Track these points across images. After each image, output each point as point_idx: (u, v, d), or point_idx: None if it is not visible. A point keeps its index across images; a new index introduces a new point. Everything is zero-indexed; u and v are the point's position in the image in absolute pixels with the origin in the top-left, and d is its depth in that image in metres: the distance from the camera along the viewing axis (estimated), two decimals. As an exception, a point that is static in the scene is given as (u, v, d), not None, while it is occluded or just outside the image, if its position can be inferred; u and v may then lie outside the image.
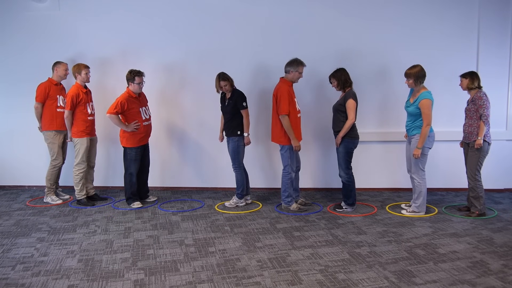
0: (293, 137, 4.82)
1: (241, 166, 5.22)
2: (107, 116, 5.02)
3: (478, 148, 4.65)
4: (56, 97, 5.40)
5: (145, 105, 5.30)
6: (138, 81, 5.08)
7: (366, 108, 5.62)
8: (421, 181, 4.75)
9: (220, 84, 5.01)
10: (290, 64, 4.84)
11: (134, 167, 5.23)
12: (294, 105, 4.86)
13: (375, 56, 5.66)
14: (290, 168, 4.97)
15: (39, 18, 5.89)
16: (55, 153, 5.42)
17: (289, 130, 4.80)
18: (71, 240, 4.21)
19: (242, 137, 5.13)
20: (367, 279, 3.31)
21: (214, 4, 5.72)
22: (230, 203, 5.28)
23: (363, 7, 5.62)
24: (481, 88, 4.72)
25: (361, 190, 5.80)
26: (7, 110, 6.11)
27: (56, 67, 5.41)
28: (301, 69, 4.85)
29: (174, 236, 4.30)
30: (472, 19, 5.60)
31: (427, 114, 4.55)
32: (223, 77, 5.00)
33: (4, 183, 6.30)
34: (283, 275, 3.40)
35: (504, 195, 5.67)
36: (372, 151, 5.83)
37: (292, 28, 5.68)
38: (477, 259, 3.65)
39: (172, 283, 3.29)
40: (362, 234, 4.29)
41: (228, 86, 5.03)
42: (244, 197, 5.33)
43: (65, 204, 5.45)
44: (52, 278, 3.39)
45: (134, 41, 5.85)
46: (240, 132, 5.11)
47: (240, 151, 5.16)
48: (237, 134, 5.10)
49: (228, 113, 5.12)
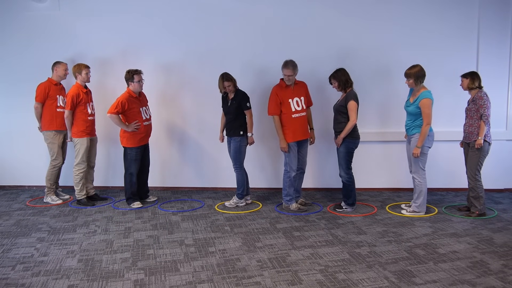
0: (281, 137, 4.94)
1: (242, 167, 5.22)
2: (108, 116, 5.02)
3: (478, 148, 4.65)
4: (56, 97, 5.40)
5: (145, 105, 5.30)
6: (138, 79, 5.07)
7: (366, 108, 5.62)
8: (422, 181, 4.75)
9: (223, 84, 5.01)
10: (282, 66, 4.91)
11: (134, 167, 5.23)
12: (288, 106, 4.89)
13: (375, 56, 5.66)
14: (289, 167, 4.99)
15: (39, 18, 5.89)
16: (55, 153, 5.42)
17: (277, 130, 4.96)
18: (71, 240, 4.21)
19: (244, 137, 5.13)
20: (367, 279, 3.31)
21: (214, 4, 5.72)
22: (230, 203, 5.28)
23: (363, 7, 5.62)
24: (481, 88, 4.72)
25: (361, 190, 5.80)
26: (7, 110, 6.11)
27: (55, 67, 5.41)
28: (285, 71, 4.86)
29: (174, 236, 4.30)
30: (472, 19, 5.60)
31: (427, 114, 4.56)
32: (226, 78, 5.01)
33: (4, 183, 6.30)
34: (283, 275, 3.40)
35: (504, 195, 5.67)
36: (373, 151, 5.83)
37: (292, 28, 5.68)
38: (477, 259, 3.65)
39: (172, 283, 3.29)
40: (362, 234, 4.29)
41: (232, 86, 5.03)
42: (244, 197, 5.33)
43: (65, 204, 5.45)
44: (52, 278, 3.39)
45: (134, 41, 5.85)
46: (242, 132, 5.11)
47: (242, 151, 5.16)
48: (239, 134, 5.10)
49: (231, 113, 5.12)
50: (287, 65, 4.83)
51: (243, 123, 5.14)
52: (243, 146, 5.15)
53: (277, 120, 4.93)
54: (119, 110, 5.00)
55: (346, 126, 4.78)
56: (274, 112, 4.93)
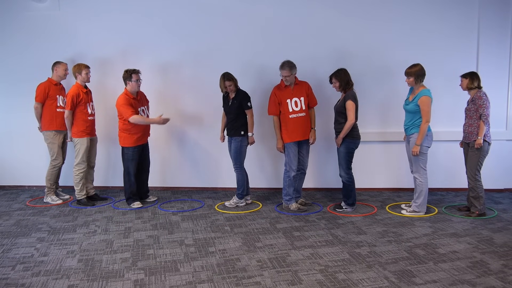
0: (278, 137, 5.01)
1: (243, 167, 5.22)
2: (132, 122, 5.00)
3: (478, 148, 4.65)
4: (55, 97, 5.40)
5: (144, 104, 5.30)
6: (136, 78, 5.07)
7: (366, 108, 5.62)
8: (423, 180, 4.75)
9: (225, 84, 5.02)
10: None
11: (132, 167, 5.23)
12: (285, 106, 4.90)
13: (375, 56, 5.66)
14: (289, 167, 5.00)
15: (39, 18, 5.89)
16: (55, 153, 5.42)
17: (275, 130, 5.02)
18: (71, 240, 4.21)
19: (245, 137, 5.14)
20: (367, 279, 3.31)
21: (214, 4, 5.72)
22: (230, 203, 5.28)
23: (363, 7, 5.62)
24: (481, 88, 4.72)
25: (361, 190, 5.80)
26: (7, 110, 6.11)
27: (55, 67, 5.41)
28: (282, 72, 4.87)
29: (174, 236, 4.30)
30: (472, 19, 5.61)
31: (426, 111, 4.57)
32: (228, 77, 5.01)
33: (4, 183, 6.30)
34: (283, 275, 3.40)
35: (504, 195, 5.67)
36: (373, 151, 5.83)
37: (292, 28, 5.68)
38: (477, 259, 3.65)
39: (172, 283, 3.29)
40: (362, 234, 4.29)
41: (233, 86, 5.04)
42: (244, 197, 5.33)
43: (65, 204, 5.45)
44: (52, 278, 3.39)
45: (134, 41, 5.85)
46: (243, 132, 5.11)
47: (243, 151, 5.16)
48: (240, 134, 5.11)
49: (232, 113, 5.12)
50: (284, 66, 4.84)
51: (244, 123, 5.14)
52: (244, 146, 5.15)
53: (275, 120, 5.00)
54: (133, 110, 5.00)
55: (344, 126, 4.79)
56: (272, 112, 5.01)
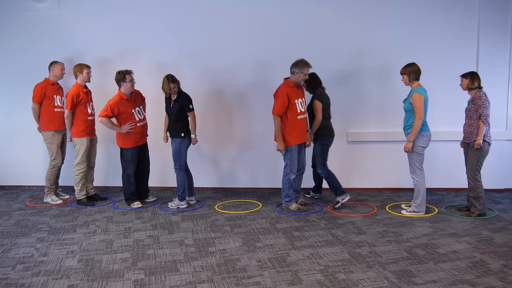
0: (280, 139, 4.85)
1: (182, 168, 5.19)
2: (99, 121, 5.03)
3: (478, 148, 4.65)
4: (53, 97, 5.39)
5: (139, 105, 5.28)
6: (129, 79, 5.07)
7: (366, 108, 5.62)
8: (420, 180, 4.75)
9: (169, 86, 5.02)
10: (296, 65, 4.79)
11: (131, 168, 5.22)
12: (294, 107, 4.82)
13: (375, 56, 5.66)
14: (289, 169, 4.96)
15: (39, 18, 5.89)
16: (54, 153, 5.42)
17: (278, 131, 4.85)
18: (71, 240, 4.21)
19: (185, 139, 5.12)
20: (367, 279, 3.31)
21: (214, 4, 5.72)
22: (172, 204, 5.28)
23: (363, 7, 5.62)
24: (481, 88, 4.72)
25: (361, 190, 5.80)
26: (7, 110, 6.11)
27: (52, 67, 5.39)
28: (306, 70, 4.80)
29: (174, 236, 4.30)
30: (472, 19, 5.60)
31: (419, 108, 4.57)
32: (172, 79, 5.03)
33: (4, 183, 6.30)
34: (283, 275, 3.40)
35: (504, 195, 5.67)
36: (372, 151, 5.83)
37: (292, 28, 5.68)
38: (477, 259, 3.65)
39: (172, 283, 3.29)
40: (362, 234, 4.29)
41: (176, 88, 5.07)
42: (188, 199, 5.34)
43: (65, 204, 5.45)
44: (52, 278, 3.39)
45: (134, 41, 5.85)
46: (184, 134, 5.11)
47: (182, 152, 5.15)
48: (180, 136, 5.10)
49: (174, 114, 5.11)
50: (308, 64, 4.78)
51: (184, 125, 5.13)
52: (184, 147, 5.14)
53: (279, 121, 4.82)
54: (109, 114, 4.99)
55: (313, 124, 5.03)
56: (279, 113, 4.79)
